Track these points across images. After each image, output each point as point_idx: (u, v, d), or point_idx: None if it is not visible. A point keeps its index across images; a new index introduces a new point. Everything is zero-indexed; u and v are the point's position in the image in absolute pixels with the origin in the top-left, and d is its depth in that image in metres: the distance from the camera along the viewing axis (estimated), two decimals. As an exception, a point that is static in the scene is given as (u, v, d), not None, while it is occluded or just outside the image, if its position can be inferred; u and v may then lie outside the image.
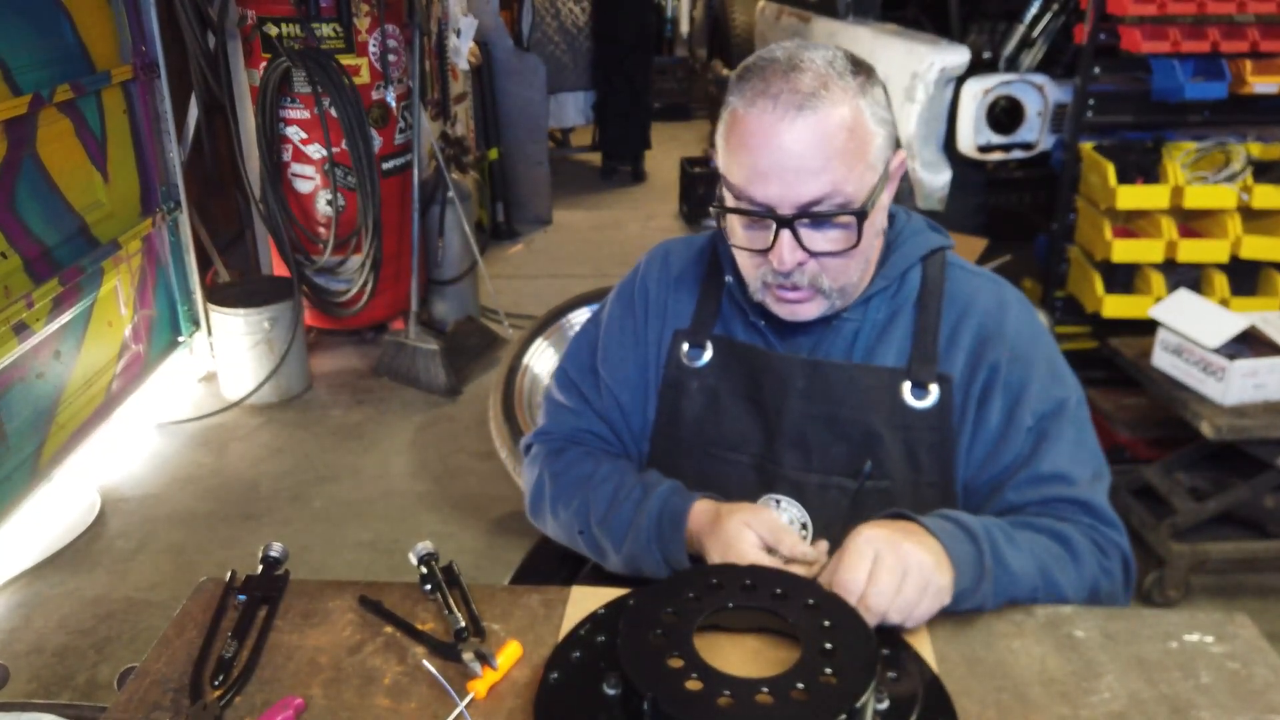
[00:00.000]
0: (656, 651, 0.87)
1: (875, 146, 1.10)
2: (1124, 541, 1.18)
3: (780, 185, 1.07)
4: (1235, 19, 2.82)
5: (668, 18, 9.52)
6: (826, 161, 1.06)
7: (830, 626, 0.89)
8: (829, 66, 1.08)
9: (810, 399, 1.20)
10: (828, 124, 1.06)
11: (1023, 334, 1.20)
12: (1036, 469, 1.16)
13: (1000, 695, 0.92)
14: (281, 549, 1.13)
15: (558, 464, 1.33)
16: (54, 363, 2.97)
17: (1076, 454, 1.17)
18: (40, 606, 2.61)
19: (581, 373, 1.37)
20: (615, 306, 1.36)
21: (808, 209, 1.08)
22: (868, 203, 1.10)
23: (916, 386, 1.18)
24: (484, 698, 0.92)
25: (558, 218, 6.02)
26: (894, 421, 1.18)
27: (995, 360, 1.18)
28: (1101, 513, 1.17)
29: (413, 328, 3.90)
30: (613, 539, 1.22)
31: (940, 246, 1.25)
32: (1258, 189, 2.83)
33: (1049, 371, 1.19)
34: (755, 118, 1.07)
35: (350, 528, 2.99)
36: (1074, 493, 1.16)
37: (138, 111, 3.50)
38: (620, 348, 1.33)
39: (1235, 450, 2.56)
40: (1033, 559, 1.08)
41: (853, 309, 1.22)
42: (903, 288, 1.23)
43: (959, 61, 3.36)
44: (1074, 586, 1.10)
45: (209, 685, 0.94)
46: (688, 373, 1.27)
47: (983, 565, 1.04)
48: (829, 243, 1.11)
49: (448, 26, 4.60)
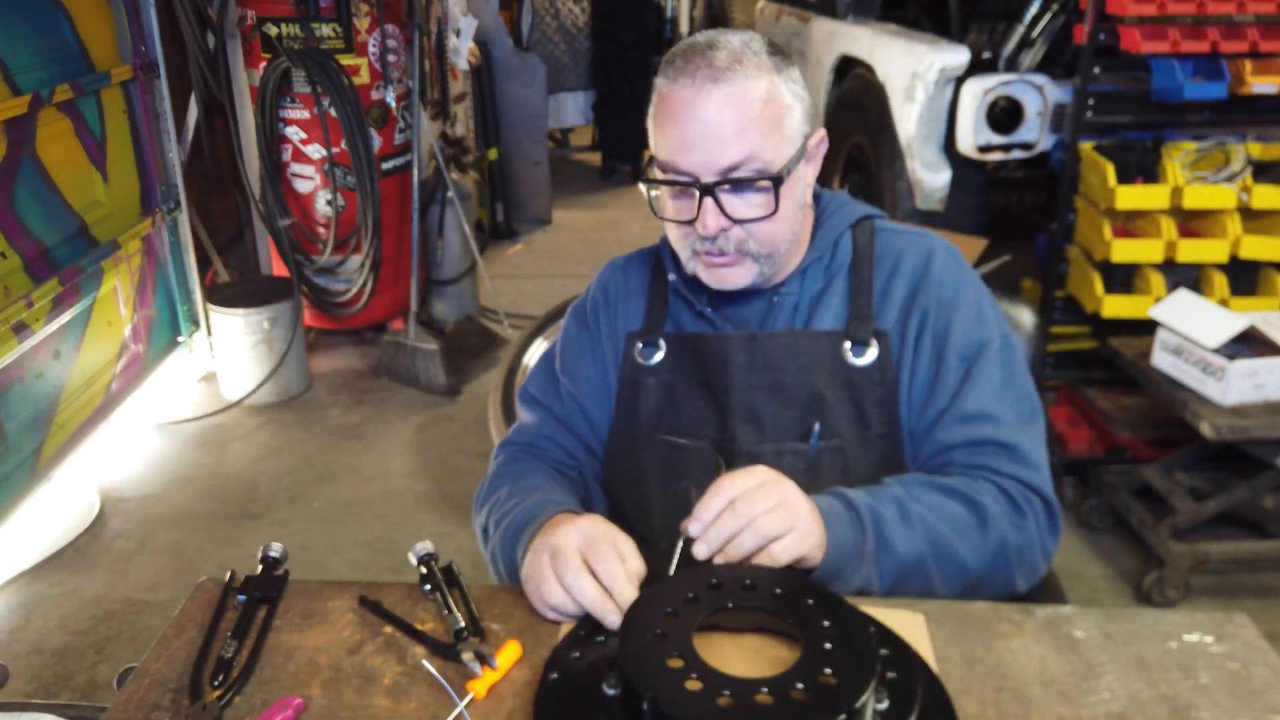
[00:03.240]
0: (656, 651, 0.87)
1: (793, 119, 1.17)
2: (1045, 486, 1.19)
3: (701, 153, 1.14)
4: (1235, 19, 2.82)
5: (668, 18, 9.51)
6: (743, 130, 1.13)
7: (830, 626, 0.89)
8: (744, 46, 1.16)
9: (753, 371, 1.25)
10: (744, 95, 1.13)
11: (947, 281, 1.26)
12: (961, 408, 1.21)
13: (1000, 695, 0.92)
14: (281, 549, 1.13)
15: (502, 467, 1.36)
16: (53, 363, 2.97)
17: (1002, 394, 1.21)
18: (40, 606, 2.61)
19: (543, 387, 1.42)
20: (570, 323, 1.42)
21: (727, 174, 1.15)
22: (784, 170, 1.16)
23: (856, 345, 1.23)
24: (484, 698, 0.92)
25: (557, 218, 6.02)
26: (837, 381, 1.24)
27: (925, 307, 1.24)
28: (1024, 456, 1.19)
29: (412, 328, 3.90)
30: (490, 538, 1.24)
31: (867, 215, 1.32)
32: (1257, 189, 2.83)
33: (973, 315, 1.24)
34: (677, 92, 1.14)
35: (349, 528, 2.99)
36: (999, 434, 1.20)
37: (137, 111, 3.50)
38: (579, 355, 1.38)
39: (1235, 450, 2.56)
40: (925, 536, 1.11)
41: (789, 282, 1.28)
42: (835, 255, 1.29)
43: (959, 61, 3.36)
44: (977, 554, 1.13)
45: (208, 685, 0.94)
46: (643, 370, 1.31)
47: (862, 550, 1.07)
48: (750, 208, 1.17)
49: (447, 26, 4.60)
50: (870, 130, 3.97)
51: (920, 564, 1.11)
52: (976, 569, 1.14)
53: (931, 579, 1.12)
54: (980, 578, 1.15)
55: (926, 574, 1.12)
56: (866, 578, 1.08)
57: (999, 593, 1.17)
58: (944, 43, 3.53)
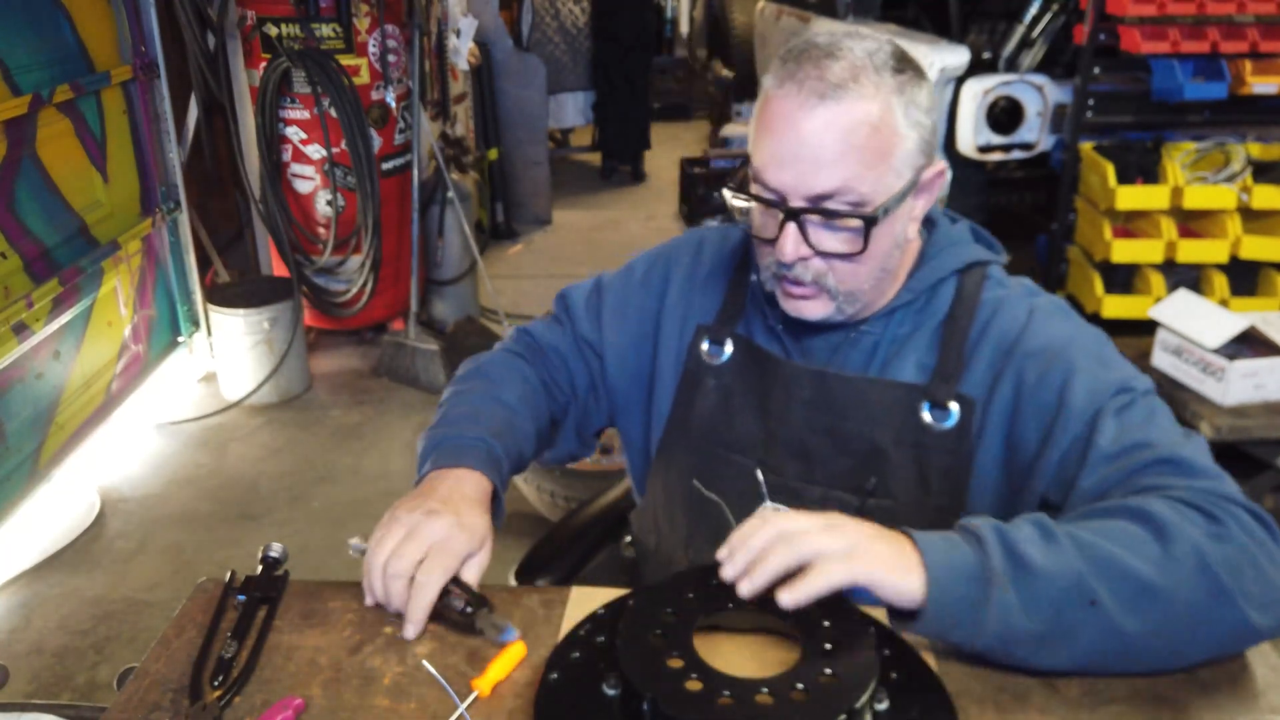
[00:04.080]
0: (656, 651, 0.87)
1: (904, 150, 1.05)
2: (1235, 492, 0.97)
3: (793, 174, 1.03)
4: (1235, 19, 2.82)
5: (668, 18, 9.52)
6: (842, 156, 1.01)
7: (830, 626, 0.89)
8: (867, 58, 1.03)
9: (815, 409, 1.15)
10: (851, 117, 1.01)
11: (1054, 339, 1.09)
12: (1101, 449, 1.01)
13: (1000, 695, 0.92)
14: (281, 549, 1.12)
15: (499, 360, 1.32)
16: (53, 363, 2.97)
17: (1148, 427, 1.03)
18: (40, 607, 2.61)
19: (584, 308, 1.35)
20: (641, 268, 1.33)
21: (817, 203, 1.04)
22: (882, 208, 1.04)
23: (935, 406, 1.11)
24: (488, 695, 0.92)
25: (557, 218, 6.02)
26: (905, 440, 1.12)
27: (1020, 374, 1.09)
28: (1197, 466, 0.98)
29: (412, 328, 3.90)
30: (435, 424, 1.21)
31: (980, 260, 1.17)
32: (1257, 189, 2.83)
33: (1097, 363, 1.07)
34: (779, 101, 1.04)
35: (349, 528, 2.98)
36: (1157, 453, 0.99)
37: (137, 112, 3.50)
38: (622, 312, 1.31)
39: (1235, 450, 2.56)
40: (1078, 552, 0.89)
41: (873, 321, 1.16)
42: (932, 301, 1.15)
43: (959, 61, 3.36)
44: (1162, 568, 0.88)
45: (208, 686, 0.94)
46: (706, 369, 1.24)
47: (986, 571, 0.88)
48: (835, 242, 1.07)
49: (447, 27, 4.60)
50: (870, 130, 3.97)
51: (1080, 583, 0.88)
52: (1167, 586, 0.88)
53: (1103, 603, 0.87)
54: (1181, 601, 0.88)
55: (1093, 595, 0.87)
56: (1005, 606, 0.87)
57: (1229, 632, 0.90)
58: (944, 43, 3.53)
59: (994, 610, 0.87)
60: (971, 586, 0.88)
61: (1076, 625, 0.88)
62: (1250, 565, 0.90)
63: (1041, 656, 0.90)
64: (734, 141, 6.78)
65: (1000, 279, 1.17)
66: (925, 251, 1.18)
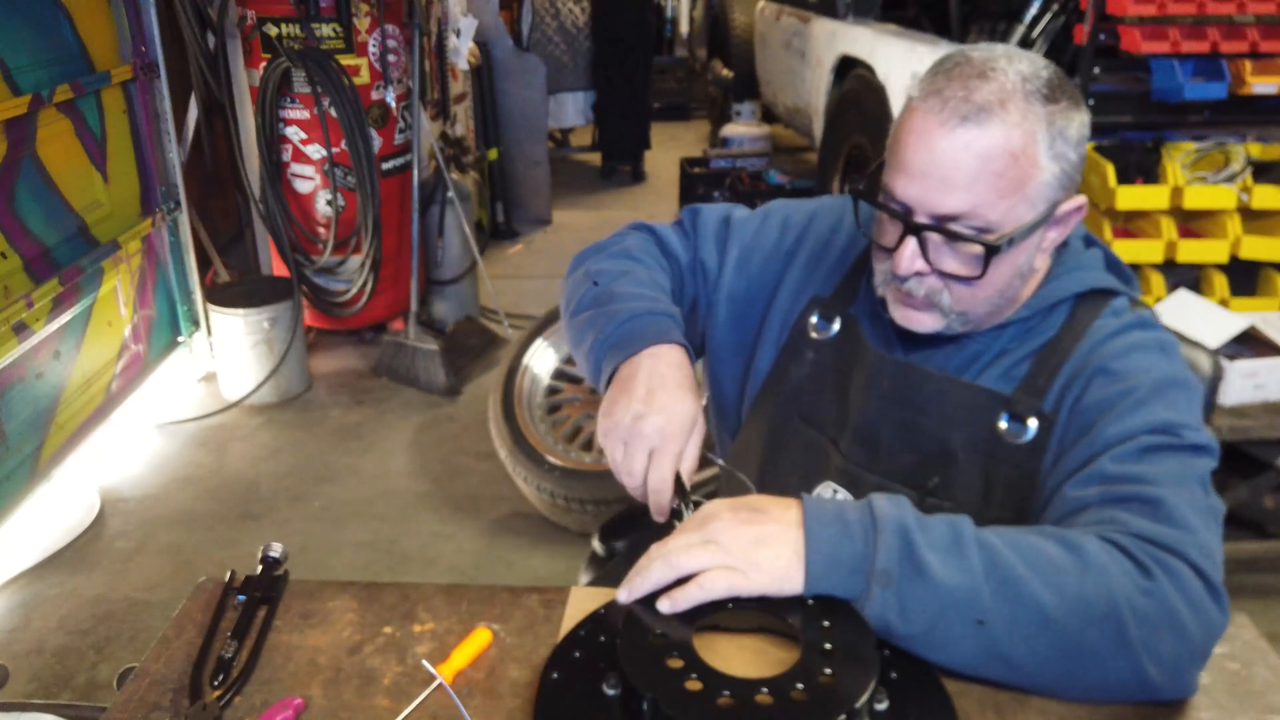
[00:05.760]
0: (656, 651, 0.87)
1: (1040, 182, 1.01)
2: (1192, 550, 0.90)
3: (921, 189, 1.02)
4: (1235, 19, 2.82)
5: (668, 18, 9.52)
6: (975, 181, 0.99)
7: (830, 626, 0.89)
8: (1020, 83, 1.00)
9: (890, 401, 1.14)
10: (989, 142, 0.99)
11: (1132, 368, 1.05)
12: (1104, 469, 0.98)
13: (1000, 695, 0.92)
14: (281, 549, 1.12)
15: (635, 240, 1.30)
16: (54, 363, 2.97)
17: (1164, 471, 0.96)
18: (40, 606, 2.61)
19: (713, 225, 1.33)
20: (777, 222, 1.31)
21: (942, 222, 1.02)
22: (1007, 238, 1.02)
23: (1014, 419, 1.08)
24: (450, 681, 0.93)
25: (557, 218, 6.02)
26: (977, 446, 1.10)
27: (1084, 388, 1.06)
28: (1175, 516, 0.92)
29: (412, 328, 3.90)
30: (596, 309, 1.19)
31: (1103, 289, 1.13)
32: (1257, 189, 2.83)
33: (1160, 400, 1.02)
34: (920, 114, 1.02)
35: (349, 528, 2.99)
36: (1144, 491, 0.94)
37: (137, 111, 3.50)
38: (749, 254, 1.30)
39: (1235, 450, 2.56)
40: (984, 565, 0.88)
41: (983, 334, 1.13)
42: (1045, 320, 1.13)
43: (959, 62, 3.35)
44: (1065, 603, 0.86)
45: (208, 685, 0.94)
46: (807, 341, 1.22)
47: (871, 565, 0.89)
48: (955, 264, 1.05)
49: (447, 26, 4.60)
50: (870, 130, 3.97)
51: (971, 601, 0.87)
52: (1067, 624, 0.86)
53: (991, 625, 0.87)
54: (1076, 641, 0.86)
55: (983, 616, 0.87)
56: (884, 603, 0.89)
57: (1120, 682, 0.88)
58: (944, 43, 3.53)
59: (873, 605, 0.89)
60: (852, 579, 0.90)
61: (955, 638, 0.88)
62: (1169, 625, 0.87)
63: (920, 653, 0.90)
64: (734, 141, 6.78)
65: (1119, 310, 1.12)
66: (1050, 271, 1.14)
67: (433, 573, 2.77)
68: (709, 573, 0.91)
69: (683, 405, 1.06)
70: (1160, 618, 0.87)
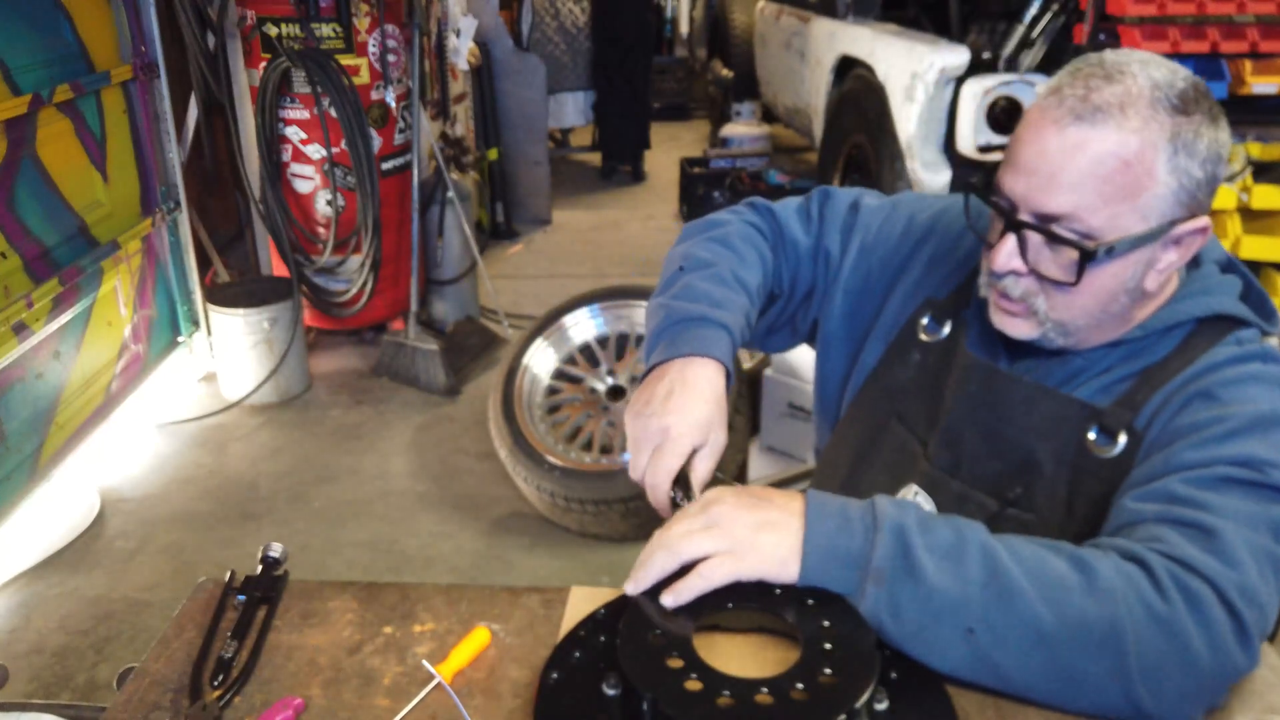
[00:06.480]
0: (656, 651, 0.87)
1: (1154, 195, 0.96)
2: (1230, 584, 0.85)
3: (1026, 185, 1.00)
4: (1235, 19, 2.82)
5: (668, 18, 9.53)
6: (1081, 183, 0.96)
7: (830, 626, 0.89)
8: (1151, 90, 0.95)
9: (977, 406, 1.12)
10: (1103, 147, 0.95)
11: (1239, 397, 0.98)
12: (1170, 489, 0.94)
13: (1000, 696, 0.92)
14: (281, 549, 1.12)
15: (739, 228, 1.29)
16: (53, 363, 2.97)
17: (1235, 505, 0.91)
18: (40, 606, 2.61)
19: (841, 212, 1.32)
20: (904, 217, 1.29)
21: (1043, 222, 1.00)
22: (1105, 247, 0.98)
23: (1104, 431, 1.04)
24: (450, 681, 0.93)
25: (557, 218, 6.02)
26: (1064, 459, 1.06)
27: (1181, 407, 1.01)
28: (1227, 551, 0.87)
29: (412, 328, 3.90)
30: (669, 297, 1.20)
31: (1231, 315, 1.05)
32: (1257, 189, 2.83)
33: (1257, 435, 0.95)
34: (1038, 109, 1.00)
35: (349, 527, 2.99)
36: (1203, 519, 0.89)
37: (137, 111, 3.50)
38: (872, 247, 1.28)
39: None
40: (984, 574, 0.87)
41: (1091, 351, 1.09)
42: (1160, 341, 1.07)
43: (959, 61, 3.36)
44: (1063, 622, 0.85)
45: (208, 685, 0.94)
46: (914, 342, 1.21)
47: (867, 562, 0.89)
48: (1051, 266, 1.01)
49: (447, 26, 4.60)
50: (870, 130, 3.97)
51: (963, 609, 0.86)
52: (1062, 644, 0.84)
53: (980, 636, 0.86)
54: (1070, 663, 0.85)
55: (973, 625, 0.86)
56: (875, 600, 0.89)
57: (1112, 707, 0.85)
58: (944, 43, 3.53)
59: (865, 601, 0.90)
60: (847, 573, 0.91)
61: (945, 643, 0.88)
62: (1177, 657, 0.84)
63: (913, 654, 0.90)
64: (734, 141, 6.78)
65: (1245, 340, 1.05)
66: (1177, 292, 1.09)
67: (432, 573, 2.77)
68: (709, 561, 0.92)
69: (694, 413, 1.07)
70: (1168, 649, 0.84)
